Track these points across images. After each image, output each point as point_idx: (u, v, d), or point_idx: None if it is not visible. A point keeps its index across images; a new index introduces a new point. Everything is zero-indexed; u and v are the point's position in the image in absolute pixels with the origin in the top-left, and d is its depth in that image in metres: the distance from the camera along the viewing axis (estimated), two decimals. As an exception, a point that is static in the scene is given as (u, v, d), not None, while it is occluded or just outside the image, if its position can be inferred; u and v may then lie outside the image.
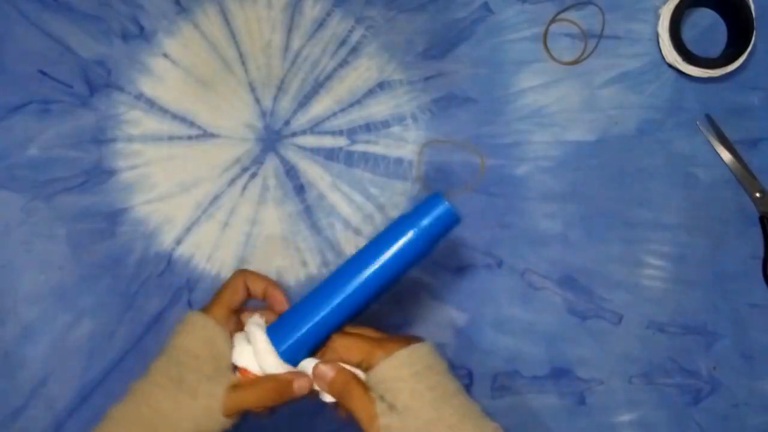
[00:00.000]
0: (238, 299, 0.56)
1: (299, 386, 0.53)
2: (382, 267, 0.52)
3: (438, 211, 0.52)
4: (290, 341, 0.53)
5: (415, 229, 0.52)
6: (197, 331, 0.53)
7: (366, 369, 0.52)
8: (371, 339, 0.54)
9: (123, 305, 0.65)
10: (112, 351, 0.65)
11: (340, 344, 0.53)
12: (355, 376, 0.52)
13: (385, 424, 0.50)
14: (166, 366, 0.52)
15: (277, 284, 0.57)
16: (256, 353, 0.53)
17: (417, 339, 0.54)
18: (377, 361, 0.51)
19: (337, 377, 0.52)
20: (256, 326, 0.54)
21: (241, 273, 0.57)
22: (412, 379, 0.51)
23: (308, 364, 0.53)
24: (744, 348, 0.66)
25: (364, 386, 0.52)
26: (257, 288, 0.56)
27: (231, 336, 0.54)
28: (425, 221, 0.52)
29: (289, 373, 0.53)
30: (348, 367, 0.53)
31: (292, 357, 0.53)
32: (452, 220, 0.52)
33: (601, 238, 0.67)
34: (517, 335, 0.66)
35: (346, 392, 0.52)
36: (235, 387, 0.52)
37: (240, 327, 0.56)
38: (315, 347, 0.54)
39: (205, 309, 0.55)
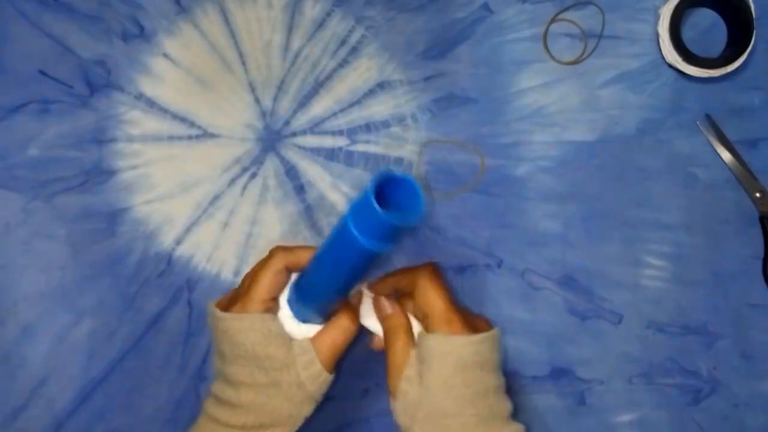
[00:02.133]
0: (280, 287, 0.54)
1: (358, 301, 0.55)
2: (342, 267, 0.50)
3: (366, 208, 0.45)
4: (315, 308, 0.53)
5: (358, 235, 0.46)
6: (251, 335, 0.52)
7: (424, 329, 0.53)
8: (452, 305, 0.53)
9: (123, 305, 0.65)
10: (112, 351, 0.65)
11: (428, 287, 0.53)
12: (409, 326, 0.53)
13: (404, 389, 0.50)
14: (249, 375, 0.52)
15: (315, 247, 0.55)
16: (289, 329, 0.54)
17: (489, 325, 0.54)
18: (436, 330, 0.51)
19: (392, 317, 0.53)
20: (283, 305, 0.55)
21: (280, 255, 0.54)
22: (453, 369, 0.50)
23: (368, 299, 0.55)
24: (744, 348, 0.66)
25: (412, 340, 0.52)
26: (303, 262, 0.54)
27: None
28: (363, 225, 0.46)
29: (348, 304, 0.54)
30: (411, 317, 0.54)
31: (319, 318, 0.54)
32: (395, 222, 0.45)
33: (601, 238, 0.67)
34: (517, 335, 0.66)
35: (392, 335, 0.53)
36: (316, 347, 0.53)
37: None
38: (338, 298, 0.54)
39: (241, 304, 0.53)
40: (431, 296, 0.53)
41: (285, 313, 0.54)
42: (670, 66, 0.67)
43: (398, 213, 0.45)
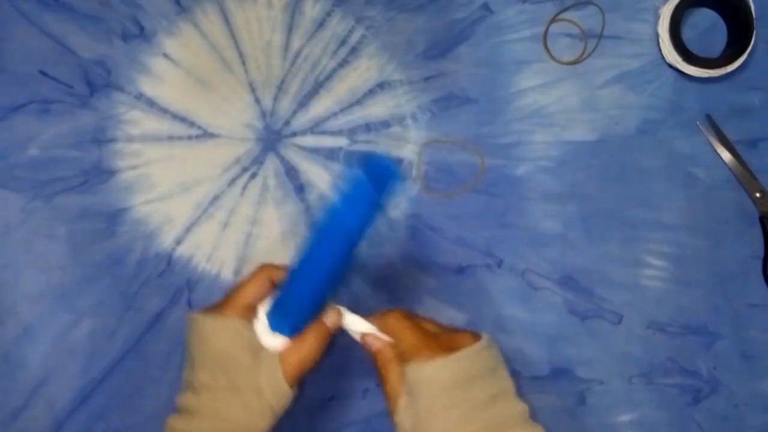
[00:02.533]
0: (260, 296, 0.54)
1: (331, 322, 0.54)
2: (340, 243, 0.51)
3: (364, 198, 0.49)
4: (292, 321, 0.53)
5: (352, 217, 0.49)
6: (221, 336, 0.52)
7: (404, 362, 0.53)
8: (425, 334, 0.53)
9: (123, 305, 0.65)
10: (112, 351, 0.65)
11: (397, 327, 0.54)
12: (397, 358, 0.53)
13: (401, 421, 0.51)
14: (212, 379, 0.52)
15: None
16: (264, 340, 0.53)
17: (476, 337, 0.53)
18: (412, 359, 0.51)
19: (381, 351, 0.53)
20: (261, 315, 0.54)
21: (266, 269, 0.55)
22: (438, 393, 0.50)
23: (356, 325, 0.55)
24: (744, 348, 0.66)
25: (401, 372, 0.52)
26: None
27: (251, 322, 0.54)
28: (356, 212, 0.49)
29: (318, 318, 0.54)
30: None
31: (296, 331, 0.54)
32: (383, 190, 0.49)
33: (601, 238, 0.67)
34: (517, 335, 0.66)
35: (384, 369, 0.53)
36: (282, 360, 0.52)
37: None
38: (312, 316, 0.54)
39: (219, 309, 0.54)
40: (402, 334, 0.53)
41: (262, 323, 0.54)
42: (670, 66, 0.67)
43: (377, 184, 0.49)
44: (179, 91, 0.67)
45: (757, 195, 0.67)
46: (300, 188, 0.67)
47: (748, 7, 0.65)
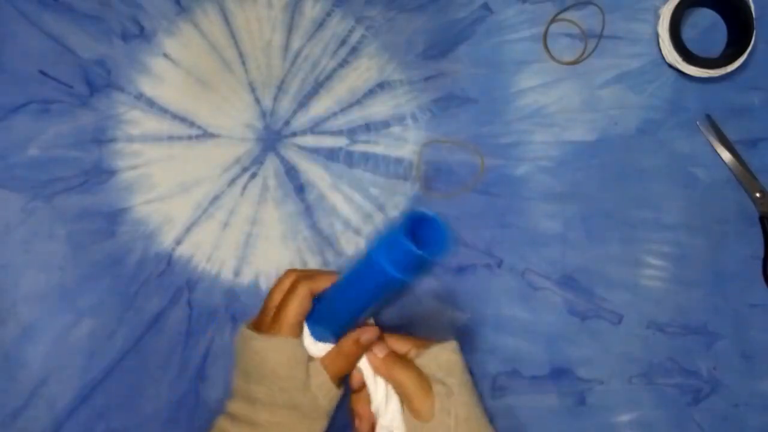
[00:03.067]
0: (304, 313, 0.56)
1: (366, 338, 0.55)
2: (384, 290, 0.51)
3: (401, 248, 0.46)
4: (331, 330, 0.55)
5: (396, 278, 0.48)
6: (277, 357, 0.54)
7: (415, 356, 0.55)
8: (405, 337, 0.57)
9: (123, 305, 0.65)
10: (112, 351, 0.65)
11: (389, 337, 0.57)
12: (405, 358, 0.55)
13: (444, 406, 0.52)
14: (269, 394, 0.53)
15: (337, 274, 0.57)
16: (309, 349, 0.55)
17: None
18: (429, 344, 0.55)
19: (388, 356, 0.55)
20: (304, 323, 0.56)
21: (305, 283, 0.55)
22: (464, 368, 0.55)
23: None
24: (744, 348, 0.66)
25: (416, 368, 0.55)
26: (324, 287, 0.56)
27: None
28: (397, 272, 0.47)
29: (355, 332, 0.55)
30: None
31: (334, 337, 0.55)
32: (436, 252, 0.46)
33: (601, 238, 0.67)
34: (517, 335, 0.66)
35: (398, 368, 0.54)
36: (326, 364, 0.55)
37: None
38: (352, 327, 0.56)
39: (270, 325, 0.55)
40: (399, 336, 0.57)
41: (306, 335, 0.56)
42: (670, 66, 0.67)
43: (427, 247, 0.46)
44: (179, 91, 0.67)
45: (757, 195, 0.67)
46: (300, 188, 0.67)
47: (748, 7, 0.65)
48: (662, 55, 0.67)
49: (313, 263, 0.66)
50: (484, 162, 0.67)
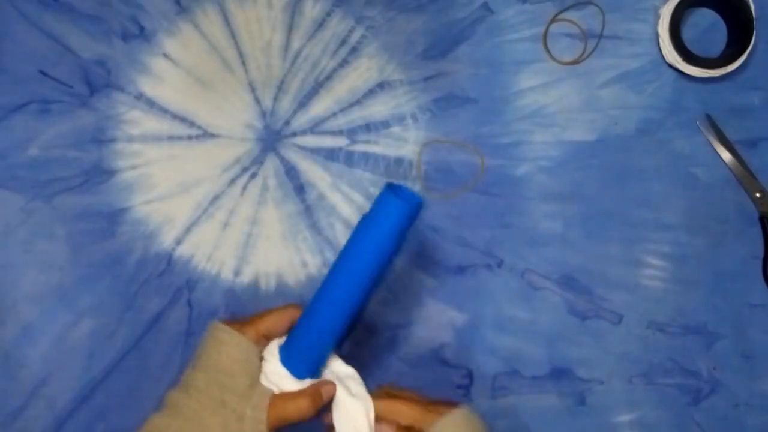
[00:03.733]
0: (278, 329, 0.56)
1: (326, 391, 0.54)
2: (360, 275, 0.53)
3: (393, 210, 0.52)
4: (302, 360, 0.54)
5: (378, 236, 0.52)
6: (232, 351, 0.53)
7: (419, 430, 0.54)
8: (418, 403, 0.55)
9: (123, 305, 0.65)
10: (112, 351, 0.65)
11: (388, 409, 0.54)
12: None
13: None
14: (206, 385, 0.52)
15: None
16: (272, 376, 0.54)
17: (456, 403, 0.55)
18: (433, 420, 0.53)
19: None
20: (274, 349, 0.55)
21: (290, 309, 0.56)
22: None
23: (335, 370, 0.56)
24: (744, 348, 0.66)
25: None
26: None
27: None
28: (384, 226, 0.52)
29: (318, 382, 0.55)
30: None
31: (307, 373, 0.55)
32: (410, 210, 0.52)
33: (601, 238, 0.67)
34: (517, 335, 0.66)
35: None
36: (272, 404, 0.53)
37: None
38: (325, 357, 0.56)
39: (240, 326, 0.55)
40: (400, 405, 0.55)
41: (271, 356, 0.55)
42: (670, 66, 0.67)
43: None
44: (179, 91, 0.67)
45: (757, 195, 0.67)
46: (300, 188, 0.67)
47: (748, 7, 0.65)
48: (662, 55, 0.67)
49: (313, 263, 0.66)
50: (484, 162, 0.67)
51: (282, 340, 0.56)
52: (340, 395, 0.55)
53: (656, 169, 0.67)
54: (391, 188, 0.52)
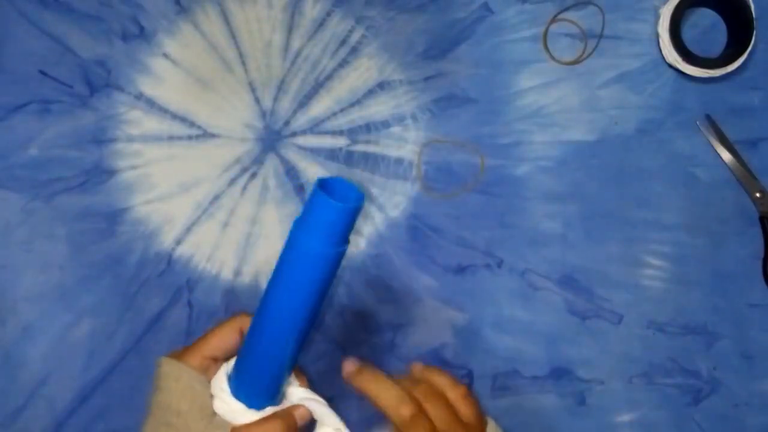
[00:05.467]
0: (225, 348, 0.51)
1: (300, 415, 0.50)
2: (304, 284, 0.46)
3: (325, 210, 0.44)
4: (256, 387, 0.49)
5: (314, 242, 0.45)
6: (172, 385, 0.48)
7: None
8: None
9: (123, 305, 0.65)
10: (112, 351, 0.65)
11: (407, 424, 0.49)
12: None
13: None
14: (155, 430, 0.47)
15: None
16: (228, 415, 0.49)
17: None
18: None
19: (360, 369, 0.50)
20: (222, 382, 0.50)
21: (238, 320, 0.51)
22: None
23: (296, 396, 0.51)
24: (744, 348, 0.66)
25: None
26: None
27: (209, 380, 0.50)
28: (318, 230, 0.45)
29: (290, 407, 0.50)
30: None
31: (266, 401, 0.50)
32: (351, 211, 0.45)
33: (601, 238, 0.67)
34: (517, 335, 0.66)
35: (368, 381, 0.49)
36: None
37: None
38: (282, 378, 0.51)
39: (181, 354, 0.51)
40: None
41: (220, 383, 0.50)
42: (670, 66, 0.67)
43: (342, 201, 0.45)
44: (179, 91, 0.67)
45: (757, 195, 0.67)
46: (300, 188, 0.67)
47: (748, 7, 0.65)
48: (662, 55, 0.67)
49: (313, 263, 0.66)
50: (484, 162, 0.67)
51: (230, 366, 0.50)
52: (320, 411, 0.51)
53: (656, 169, 0.67)
54: (323, 185, 0.45)
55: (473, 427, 0.50)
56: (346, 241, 0.46)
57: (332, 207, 0.44)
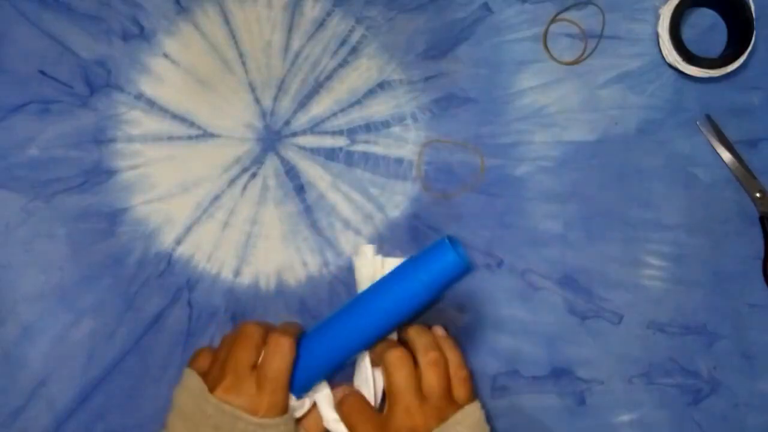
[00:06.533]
0: (291, 369, 0.55)
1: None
2: (385, 319, 0.55)
3: (444, 262, 0.53)
4: (305, 382, 0.56)
5: (419, 284, 0.53)
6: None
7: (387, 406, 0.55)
8: (410, 393, 0.54)
9: (123, 305, 0.65)
10: (112, 351, 0.65)
11: (389, 371, 0.55)
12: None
13: None
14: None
15: (295, 325, 0.59)
16: None
17: (470, 397, 0.56)
18: (395, 417, 0.53)
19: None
20: None
21: (287, 334, 0.55)
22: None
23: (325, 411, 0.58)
24: (744, 348, 0.66)
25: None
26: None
27: None
28: (430, 275, 0.53)
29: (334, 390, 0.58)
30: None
31: (303, 391, 0.57)
32: (460, 269, 0.53)
33: (601, 238, 0.67)
34: (517, 335, 0.66)
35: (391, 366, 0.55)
36: (308, 427, 0.56)
37: None
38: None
39: (264, 399, 0.53)
40: (395, 378, 0.54)
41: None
42: (670, 66, 0.67)
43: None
44: (179, 91, 0.67)
45: (757, 195, 0.67)
46: (300, 188, 0.67)
47: (748, 7, 0.65)
48: (662, 55, 0.67)
49: (313, 263, 0.66)
50: (484, 162, 0.67)
51: None
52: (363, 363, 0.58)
53: (656, 169, 0.67)
54: (450, 242, 0.53)
55: (458, 407, 0.54)
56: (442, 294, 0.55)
57: (457, 265, 0.52)
